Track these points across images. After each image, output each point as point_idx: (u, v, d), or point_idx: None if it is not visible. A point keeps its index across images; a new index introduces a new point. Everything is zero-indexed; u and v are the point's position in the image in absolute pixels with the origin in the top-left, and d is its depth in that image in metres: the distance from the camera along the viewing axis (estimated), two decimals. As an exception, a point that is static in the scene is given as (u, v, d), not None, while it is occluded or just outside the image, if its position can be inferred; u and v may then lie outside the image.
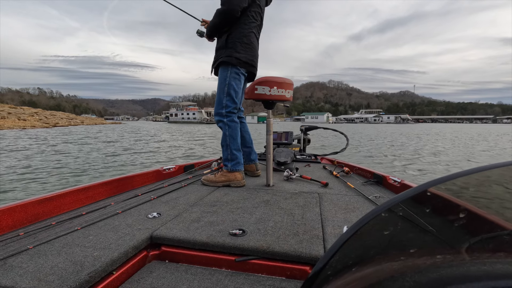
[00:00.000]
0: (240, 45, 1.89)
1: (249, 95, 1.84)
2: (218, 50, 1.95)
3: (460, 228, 0.32)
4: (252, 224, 1.18)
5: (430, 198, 0.33)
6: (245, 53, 1.91)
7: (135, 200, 1.52)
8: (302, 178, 2.05)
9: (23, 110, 41.15)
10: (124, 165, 7.04)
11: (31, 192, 4.45)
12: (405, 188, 1.62)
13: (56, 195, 1.31)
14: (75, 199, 1.41)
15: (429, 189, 0.32)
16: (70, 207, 1.37)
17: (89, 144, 12.48)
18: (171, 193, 1.68)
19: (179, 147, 11.83)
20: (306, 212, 1.34)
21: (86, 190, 1.47)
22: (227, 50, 1.88)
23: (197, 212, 1.32)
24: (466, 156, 9.37)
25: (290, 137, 3.08)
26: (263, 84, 1.78)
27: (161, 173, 2.07)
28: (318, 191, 1.74)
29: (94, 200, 1.51)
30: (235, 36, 1.87)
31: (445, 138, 19.06)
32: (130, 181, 1.78)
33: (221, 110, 1.94)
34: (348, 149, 9.01)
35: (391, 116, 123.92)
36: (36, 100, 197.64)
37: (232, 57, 1.87)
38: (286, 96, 1.86)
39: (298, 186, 1.86)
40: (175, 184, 1.89)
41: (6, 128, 24.74)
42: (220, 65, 1.93)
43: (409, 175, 6.17)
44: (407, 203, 0.33)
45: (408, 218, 0.33)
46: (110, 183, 1.63)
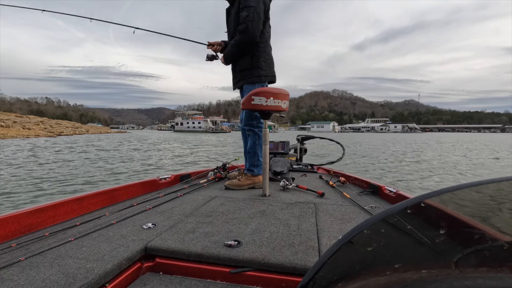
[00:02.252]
0: (264, 63, 2.05)
1: (246, 106, 1.84)
2: (243, 70, 2.07)
3: (454, 240, 0.32)
4: (247, 235, 1.17)
5: (424, 209, 0.32)
6: (268, 69, 2.09)
7: (130, 210, 1.51)
8: (299, 188, 2.05)
9: (29, 119, 40.88)
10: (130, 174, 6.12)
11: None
12: (401, 198, 1.63)
13: (49, 205, 1.29)
14: (69, 209, 1.39)
15: (425, 200, 0.32)
16: (64, 218, 1.35)
17: (86, 152, 11.68)
18: (166, 203, 1.66)
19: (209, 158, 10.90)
20: (302, 222, 1.34)
21: (80, 200, 1.45)
22: (253, 70, 2.03)
23: (193, 223, 1.32)
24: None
25: (287, 147, 3.05)
26: (259, 95, 1.79)
27: (157, 183, 2.05)
28: (314, 201, 1.73)
29: (89, 210, 1.49)
30: (259, 56, 2.02)
31: (476, 149, 17.87)
32: (125, 191, 1.76)
33: (252, 121, 2.11)
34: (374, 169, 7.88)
35: (398, 125, 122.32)
36: (44, 109, 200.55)
37: (261, 76, 2.04)
38: (282, 107, 1.88)
39: (294, 196, 1.86)
40: (171, 194, 1.88)
41: (9, 137, 24.14)
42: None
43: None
44: (401, 214, 0.33)
45: (403, 230, 0.33)
46: (105, 193, 1.61)
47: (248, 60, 2.02)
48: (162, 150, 14.96)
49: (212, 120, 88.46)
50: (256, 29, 1.89)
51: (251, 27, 1.86)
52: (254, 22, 1.86)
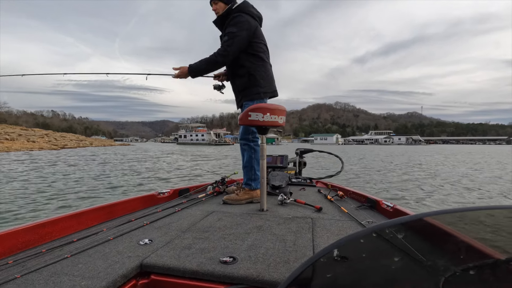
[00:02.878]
0: (262, 80, 2.13)
1: (243, 121, 1.87)
2: (243, 90, 2.16)
3: (445, 257, 0.32)
4: (243, 251, 1.17)
5: (408, 229, 0.33)
6: (268, 85, 2.17)
7: (128, 225, 1.50)
8: (296, 202, 2.06)
9: (34, 132, 41.24)
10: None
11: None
12: (398, 213, 1.64)
13: (47, 221, 1.29)
14: (67, 225, 1.38)
15: (425, 218, 0.32)
16: (61, 234, 1.35)
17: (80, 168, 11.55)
18: (164, 218, 1.66)
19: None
20: (298, 238, 1.34)
21: (78, 216, 1.45)
22: (252, 88, 2.12)
23: (189, 239, 1.31)
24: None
25: (285, 161, 3.04)
26: (256, 110, 1.84)
27: (155, 198, 2.05)
28: (312, 216, 1.74)
29: (86, 226, 1.49)
30: (256, 75, 2.11)
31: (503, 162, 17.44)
32: (124, 206, 1.76)
33: (248, 136, 2.17)
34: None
35: (402, 137, 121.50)
36: (50, 122, 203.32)
37: (260, 93, 2.12)
38: (279, 122, 1.91)
39: (292, 211, 1.86)
40: (169, 209, 1.87)
41: (13, 150, 24.21)
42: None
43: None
44: (397, 229, 0.33)
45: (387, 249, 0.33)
46: (103, 208, 1.61)
47: (246, 79, 2.12)
48: (162, 162, 14.83)
49: (215, 133, 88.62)
50: (232, 53, 1.99)
51: (227, 50, 1.97)
52: (231, 47, 1.97)
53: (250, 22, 2.06)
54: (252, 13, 2.13)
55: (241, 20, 2.02)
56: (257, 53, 2.13)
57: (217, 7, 2.14)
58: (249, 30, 2.05)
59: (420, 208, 5.25)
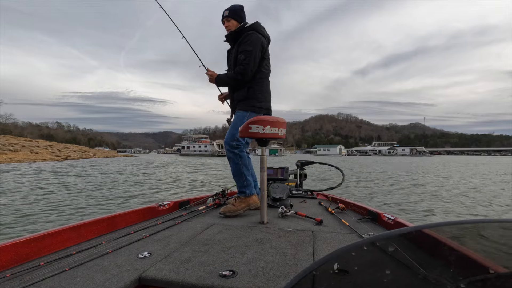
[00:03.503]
0: (261, 95, 2.22)
1: (243, 134, 1.89)
2: (240, 101, 2.23)
3: (447, 271, 0.32)
4: (243, 265, 1.15)
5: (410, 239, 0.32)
6: (264, 101, 2.24)
7: (127, 238, 1.49)
8: (297, 214, 2.05)
9: (38, 143, 41.44)
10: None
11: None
12: (399, 226, 1.60)
13: (46, 234, 1.28)
14: (66, 237, 1.37)
15: (423, 230, 0.32)
16: (60, 246, 1.34)
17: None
18: (164, 230, 1.65)
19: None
20: (298, 251, 1.32)
21: (77, 228, 1.44)
22: (249, 100, 2.19)
23: (189, 252, 1.30)
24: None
25: (286, 173, 3.02)
26: (256, 123, 1.86)
27: (155, 210, 2.04)
28: (312, 228, 1.73)
29: (86, 238, 1.48)
30: (256, 89, 2.20)
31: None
32: (123, 218, 1.75)
33: (233, 143, 2.16)
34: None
35: (406, 148, 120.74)
36: (54, 134, 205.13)
37: (255, 107, 2.19)
38: (279, 134, 1.93)
39: (292, 224, 1.85)
40: (169, 221, 1.86)
41: (16, 161, 24.20)
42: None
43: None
44: (396, 240, 0.32)
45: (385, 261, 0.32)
46: (103, 220, 1.60)
47: (245, 91, 2.20)
48: (163, 173, 14.63)
49: (218, 144, 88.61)
50: (250, 71, 2.12)
51: (246, 69, 2.09)
52: (249, 65, 2.09)
53: (263, 40, 2.19)
54: (263, 33, 2.26)
55: (256, 38, 2.15)
56: (261, 68, 2.23)
57: (229, 24, 2.26)
58: (262, 47, 2.18)
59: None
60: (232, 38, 2.30)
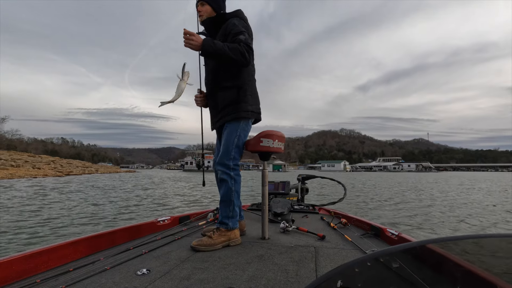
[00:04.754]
0: (251, 97, 1.90)
1: (254, 147, 1.86)
2: (227, 106, 1.84)
3: (451, 286, 0.31)
4: (243, 282, 1.12)
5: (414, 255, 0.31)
6: (255, 104, 1.94)
7: (126, 254, 1.45)
8: (299, 230, 2.01)
9: (41, 159, 41.13)
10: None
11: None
12: (403, 241, 1.56)
13: (44, 249, 1.24)
14: (64, 254, 1.33)
15: (427, 245, 0.31)
16: (57, 263, 1.29)
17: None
18: (163, 246, 1.62)
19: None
20: (300, 268, 1.29)
21: (75, 244, 1.40)
22: (240, 104, 1.84)
23: (188, 269, 1.27)
24: None
25: (287, 187, 3.02)
26: (267, 137, 1.87)
27: (155, 225, 2.01)
28: (315, 244, 1.70)
29: (84, 254, 1.43)
30: (246, 90, 1.87)
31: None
32: (122, 234, 1.72)
33: (228, 162, 1.82)
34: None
35: (412, 164, 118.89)
36: (58, 149, 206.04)
37: (248, 111, 1.86)
38: (282, 149, 1.95)
39: (294, 239, 1.82)
40: (168, 236, 1.83)
41: (17, 176, 23.68)
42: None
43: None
44: (399, 256, 0.31)
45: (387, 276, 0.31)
46: (101, 236, 1.56)
47: (234, 93, 1.82)
48: (163, 189, 14.01)
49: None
50: (252, 56, 1.75)
51: (250, 51, 1.71)
52: (251, 48, 1.73)
53: (252, 31, 1.87)
54: (248, 24, 1.90)
55: (246, 25, 1.82)
56: (252, 69, 1.93)
57: (203, 9, 1.83)
58: (252, 39, 1.84)
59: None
60: (213, 25, 1.84)
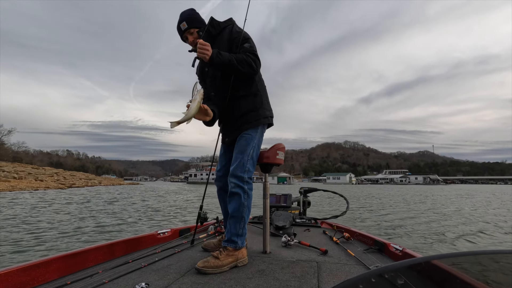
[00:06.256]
0: (267, 102, 1.85)
1: (271, 160, 1.81)
2: (247, 113, 1.74)
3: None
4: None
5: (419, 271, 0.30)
6: (270, 109, 1.89)
7: (125, 267, 1.43)
8: (301, 244, 1.97)
9: (44, 171, 40.80)
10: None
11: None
12: (407, 257, 1.53)
13: (41, 262, 1.22)
14: (62, 266, 1.30)
15: (433, 261, 0.30)
16: (55, 276, 1.27)
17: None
18: (163, 260, 1.59)
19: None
20: (302, 284, 1.25)
21: (73, 256, 1.37)
22: (259, 111, 1.77)
23: (188, 283, 1.24)
24: None
25: (289, 200, 2.98)
26: (281, 150, 1.89)
27: (155, 238, 1.98)
28: (317, 259, 1.66)
29: (82, 267, 1.41)
30: (263, 95, 1.82)
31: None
32: (122, 246, 1.69)
33: (243, 175, 1.68)
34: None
35: (419, 177, 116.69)
36: (63, 161, 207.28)
37: (267, 117, 1.81)
38: (283, 160, 1.95)
39: (296, 254, 1.78)
40: (168, 249, 1.80)
41: (18, 189, 23.18)
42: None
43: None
44: (403, 272, 0.31)
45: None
46: (101, 248, 1.53)
47: (251, 100, 1.76)
48: (165, 201, 13.37)
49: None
50: (259, 65, 1.70)
51: (258, 61, 1.65)
52: (258, 57, 1.66)
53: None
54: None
55: (248, 37, 1.71)
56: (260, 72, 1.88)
57: (194, 37, 1.72)
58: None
59: None
60: (210, 39, 1.70)
